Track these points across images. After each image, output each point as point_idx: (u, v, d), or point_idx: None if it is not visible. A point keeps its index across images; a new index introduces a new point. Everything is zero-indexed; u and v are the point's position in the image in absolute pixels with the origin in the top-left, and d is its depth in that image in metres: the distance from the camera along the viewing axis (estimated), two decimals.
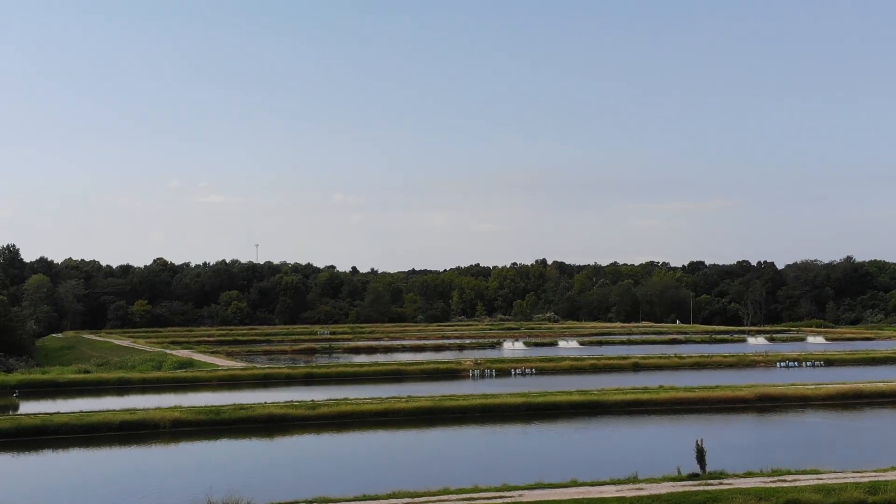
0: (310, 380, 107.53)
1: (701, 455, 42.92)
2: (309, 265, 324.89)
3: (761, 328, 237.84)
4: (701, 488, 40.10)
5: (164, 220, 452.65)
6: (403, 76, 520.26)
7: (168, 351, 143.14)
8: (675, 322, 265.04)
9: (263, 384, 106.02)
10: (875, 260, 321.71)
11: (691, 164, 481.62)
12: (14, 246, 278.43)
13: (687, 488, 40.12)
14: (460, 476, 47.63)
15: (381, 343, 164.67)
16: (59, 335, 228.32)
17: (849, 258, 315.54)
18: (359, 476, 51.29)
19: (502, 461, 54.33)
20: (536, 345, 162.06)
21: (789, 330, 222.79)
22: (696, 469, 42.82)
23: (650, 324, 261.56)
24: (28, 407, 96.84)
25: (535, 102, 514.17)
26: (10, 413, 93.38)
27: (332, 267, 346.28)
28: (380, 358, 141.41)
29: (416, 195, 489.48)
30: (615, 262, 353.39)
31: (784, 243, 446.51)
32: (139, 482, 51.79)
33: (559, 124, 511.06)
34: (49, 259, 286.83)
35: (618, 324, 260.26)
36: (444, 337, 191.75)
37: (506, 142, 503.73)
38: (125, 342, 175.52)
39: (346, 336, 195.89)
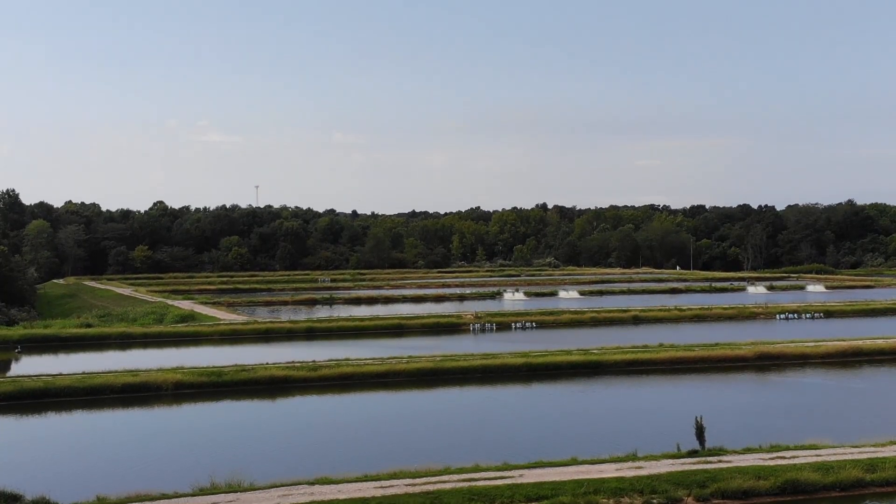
0: (311, 334, 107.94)
1: (700, 432, 43.13)
2: (309, 210, 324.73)
3: (761, 274, 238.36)
4: (700, 467, 40.37)
5: (162, 160, 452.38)
6: (403, 12, 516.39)
7: (169, 302, 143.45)
8: (676, 268, 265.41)
9: (265, 339, 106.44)
10: (876, 203, 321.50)
11: (693, 102, 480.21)
12: (14, 191, 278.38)
13: (686, 467, 40.39)
14: (461, 448, 48.01)
15: (382, 293, 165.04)
16: (61, 281, 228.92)
17: (850, 202, 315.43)
18: (360, 446, 51.65)
19: (503, 432, 54.61)
20: (537, 295, 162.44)
21: (789, 276, 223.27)
22: (696, 445, 43.06)
23: (650, 269, 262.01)
24: (30, 362, 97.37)
25: (537, 40, 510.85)
26: (14, 362, 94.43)
27: (333, 211, 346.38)
28: (381, 310, 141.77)
29: (417, 134, 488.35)
30: (615, 205, 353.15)
31: (785, 185, 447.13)
32: (142, 450, 52.09)
33: (560, 63, 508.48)
34: (49, 203, 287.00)
35: (618, 270, 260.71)
36: (444, 286, 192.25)
37: (506, 80, 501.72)
38: (126, 291, 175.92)
39: (346, 285, 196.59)
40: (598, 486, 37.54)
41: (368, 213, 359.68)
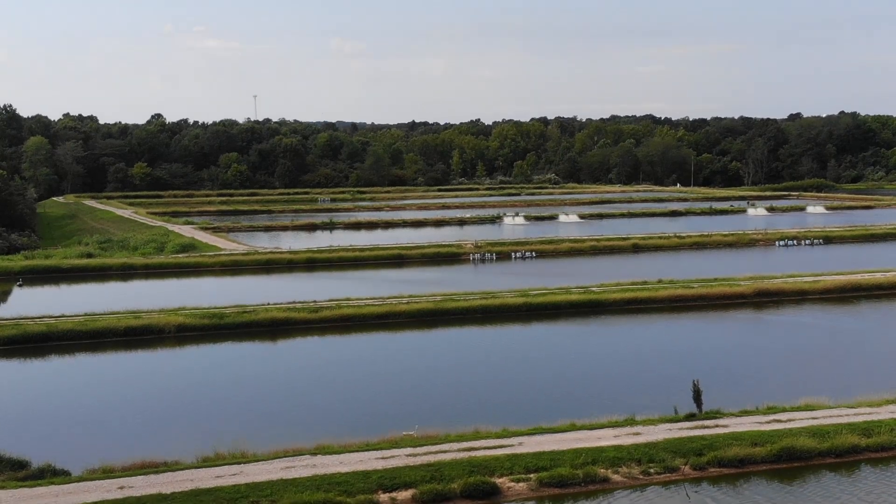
0: (312, 265, 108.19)
1: (698, 395, 43.49)
2: (308, 125, 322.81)
3: (761, 192, 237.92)
4: (697, 433, 40.81)
5: (159, 68, 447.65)
6: None
7: (170, 227, 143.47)
8: (676, 185, 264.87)
9: (266, 270, 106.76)
10: (878, 115, 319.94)
11: (698, 5, 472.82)
12: (11, 106, 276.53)
13: (683, 433, 40.84)
14: (462, 409, 48.48)
15: (382, 217, 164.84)
16: (60, 199, 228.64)
17: (853, 113, 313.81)
18: (359, 404, 52.11)
19: (502, 392, 54.80)
20: (537, 219, 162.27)
21: (789, 195, 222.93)
22: (693, 408, 43.48)
23: (650, 187, 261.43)
24: (32, 294, 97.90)
25: None
26: (17, 287, 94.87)
27: (332, 125, 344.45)
28: (381, 235, 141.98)
29: (416, 40, 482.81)
30: (616, 115, 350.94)
31: (788, 94, 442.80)
32: (145, 399, 52.56)
33: None
34: (46, 117, 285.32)
35: (618, 188, 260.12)
36: (444, 207, 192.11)
37: None
38: (126, 213, 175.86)
39: (346, 206, 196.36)
40: (597, 456, 38.06)
41: (368, 123, 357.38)
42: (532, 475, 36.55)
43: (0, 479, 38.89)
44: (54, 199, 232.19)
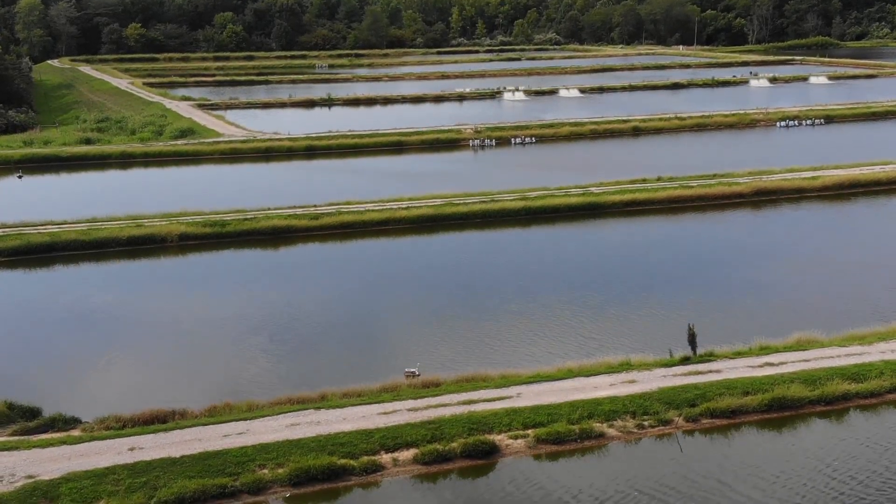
0: (311, 152, 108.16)
1: (692, 338, 44.32)
2: None
3: (765, 52, 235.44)
4: (691, 380, 41.76)
5: None
6: None
7: (167, 103, 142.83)
8: (679, 47, 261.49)
9: (265, 158, 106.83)
10: None
11: None
12: None
13: (678, 380, 41.78)
14: (461, 356, 49.37)
15: (381, 92, 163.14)
16: (56, 63, 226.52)
17: None
18: (358, 323, 52.87)
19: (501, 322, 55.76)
20: (537, 93, 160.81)
21: (793, 60, 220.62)
22: (688, 352, 44.40)
23: (652, 48, 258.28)
24: (32, 186, 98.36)
25: None
26: (17, 177, 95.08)
27: None
28: (380, 113, 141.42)
29: None
30: None
31: None
32: (151, 322, 53.44)
33: None
34: None
35: (620, 49, 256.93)
36: (443, 77, 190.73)
37: None
38: (123, 83, 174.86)
39: (344, 77, 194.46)
40: (593, 410, 39.10)
41: None
42: (530, 431, 37.63)
43: (13, 428, 40.15)
44: (49, 62, 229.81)
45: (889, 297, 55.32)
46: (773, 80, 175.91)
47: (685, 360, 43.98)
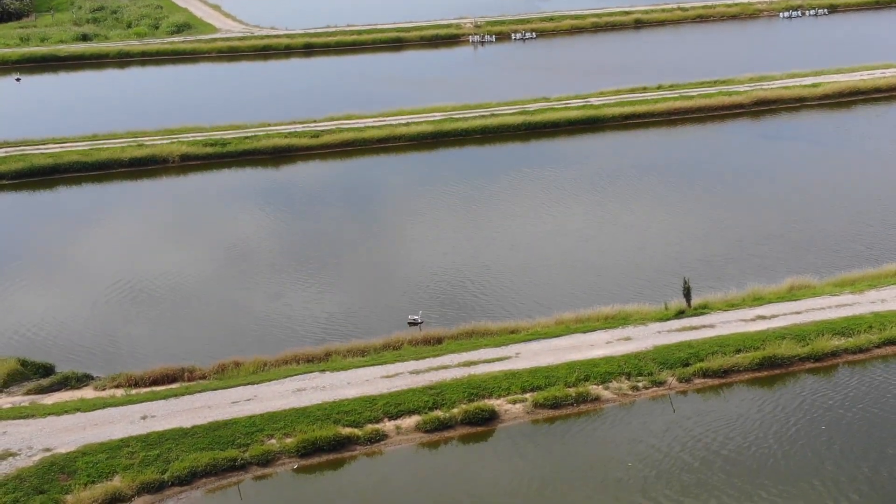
0: (309, 50, 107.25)
1: (687, 292, 45.28)
2: None
3: None
4: (684, 338, 42.78)
5: None
6: None
7: None
8: None
9: (263, 56, 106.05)
10: None
11: None
12: None
13: (672, 337, 42.81)
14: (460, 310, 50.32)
15: None
16: None
17: None
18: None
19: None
20: None
21: None
22: (683, 304, 45.42)
23: None
24: (30, 84, 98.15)
25: None
26: (16, 80, 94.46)
27: None
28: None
29: None
30: None
31: None
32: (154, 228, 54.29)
33: None
34: None
35: None
36: None
37: None
38: None
39: None
40: (589, 371, 40.34)
41: None
42: (528, 395, 38.92)
43: (27, 386, 41.55)
44: None
45: (883, 232, 55.86)
46: None
47: (680, 314, 45.06)
